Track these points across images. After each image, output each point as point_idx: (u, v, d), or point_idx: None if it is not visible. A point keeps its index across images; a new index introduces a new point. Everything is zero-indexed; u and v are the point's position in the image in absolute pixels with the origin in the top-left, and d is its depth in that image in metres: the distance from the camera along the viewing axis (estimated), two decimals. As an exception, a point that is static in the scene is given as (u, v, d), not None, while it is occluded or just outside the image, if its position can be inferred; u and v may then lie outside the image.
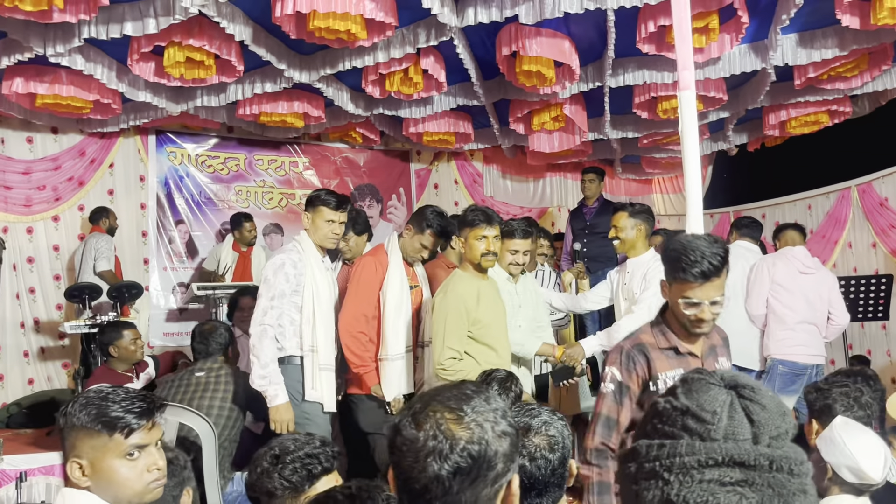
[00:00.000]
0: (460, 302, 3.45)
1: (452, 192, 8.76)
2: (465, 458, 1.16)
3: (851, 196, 7.18)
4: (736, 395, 1.02)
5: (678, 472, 0.96)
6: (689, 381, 1.05)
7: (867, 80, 5.80)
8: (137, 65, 5.24)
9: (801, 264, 4.64)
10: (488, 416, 1.21)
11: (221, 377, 3.90)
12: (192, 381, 3.90)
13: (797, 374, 4.47)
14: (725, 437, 0.98)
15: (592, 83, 5.89)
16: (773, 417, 1.00)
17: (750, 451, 0.95)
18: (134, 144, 7.37)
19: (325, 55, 5.44)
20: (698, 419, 0.99)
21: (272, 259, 3.64)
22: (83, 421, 1.76)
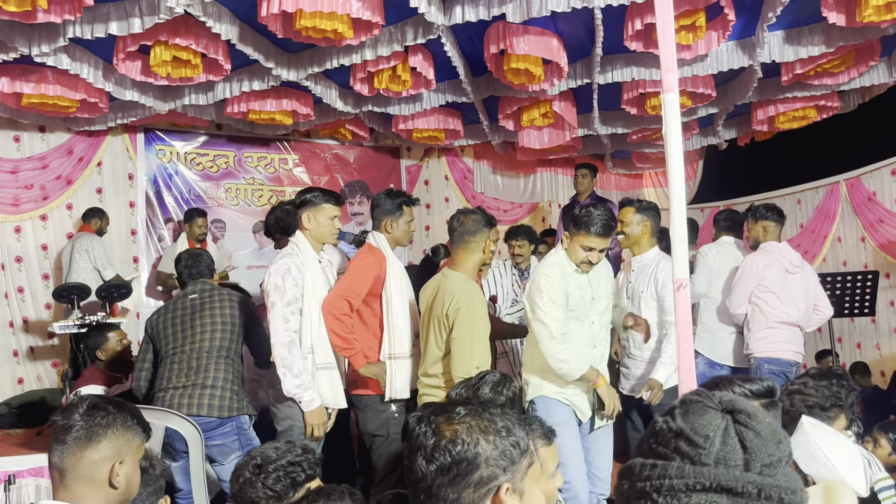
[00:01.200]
0: (484, 309, 3.47)
1: (443, 188, 8.76)
2: (444, 456, 1.22)
3: (840, 191, 7.21)
4: (732, 420, 1.01)
5: (666, 493, 0.98)
6: (687, 403, 1.05)
7: (854, 75, 5.82)
8: (123, 64, 5.21)
9: (788, 263, 4.59)
10: (480, 421, 1.26)
11: (215, 296, 3.86)
12: (186, 305, 3.83)
13: (784, 371, 4.48)
14: (717, 462, 0.98)
15: (581, 80, 5.89)
16: (767, 445, 0.99)
17: (738, 478, 0.96)
18: (122, 142, 7.35)
19: (313, 53, 5.42)
20: (690, 442, 1.00)
21: (275, 265, 3.60)
22: (129, 423, 1.82)
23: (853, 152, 7.02)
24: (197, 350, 3.68)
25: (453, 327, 3.34)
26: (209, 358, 3.66)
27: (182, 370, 3.65)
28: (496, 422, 1.29)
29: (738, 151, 8.03)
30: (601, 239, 3.44)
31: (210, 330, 3.73)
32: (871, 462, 2.81)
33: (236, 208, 7.80)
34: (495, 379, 3.03)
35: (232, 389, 3.66)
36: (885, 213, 6.67)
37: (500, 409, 1.34)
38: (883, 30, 4.98)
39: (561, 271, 3.48)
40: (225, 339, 3.73)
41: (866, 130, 6.89)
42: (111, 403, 1.83)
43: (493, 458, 1.25)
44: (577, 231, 3.46)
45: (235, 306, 3.84)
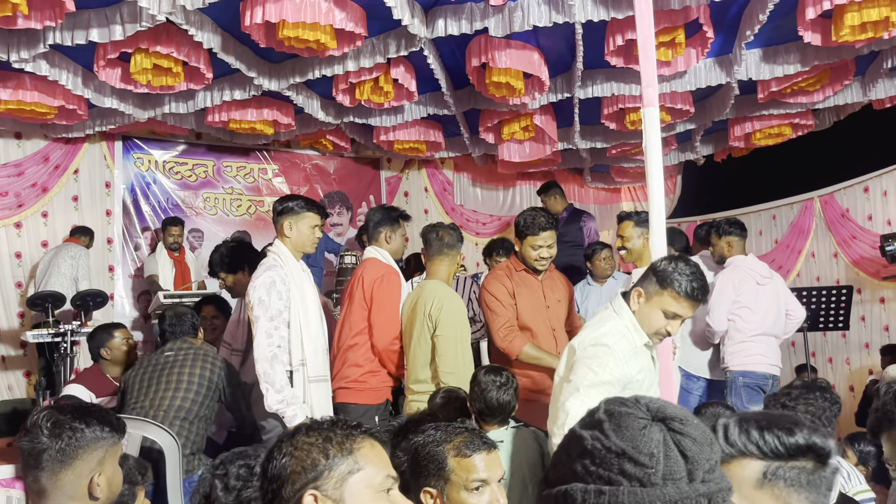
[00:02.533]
0: (465, 311, 3.61)
1: (422, 200, 8.76)
2: (262, 476, 1.40)
3: (814, 207, 7.33)
4: (666, 429, 0.98)
5: None
6: (615, 416, 1.00)
7: (828, 94, 5.94)
8: (104, 71, 5.17)
9: (758, 276, 4.64)
10: (306, 438, 1.38)
11: (190, 354, 3.72)
12: (160, 361, 3.71)
13: (760, 384, 4.52)
14: (664, 479, 0.95)
15: (562, 94, 5.94)
16: (704, 450, 0.98)
17: (690, 493, 0.94)
18: (100, 150, 7.27)
19: (295, 64, 5.42)
20: (636, 463, 0.96)
21: (260, 278, 3.44)
22: (98, 433, 1.81)
23: (827, 169, 7.14)
24: (154, 408, 3.51)
25: (437, 325, 3.41)
26: (165, 419, 3.47)
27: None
28: (310, 436, 1.36)
29: (716, 167, 8.14)
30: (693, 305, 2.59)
31: (174, 388, 3.56)
32: (850, 474, 2.84)
33: (214, 218, 7.75)
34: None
35: (181, 453, 3.41)
36: (858, 229, 6.79)
37: (339, 421, 1.41)
38: (857, 50, 5.09)
39: (631, 345, 2.59)
40: (188, 399, 3.54)
41: (840, 148, 7.03)
42: (76, 418, 1.79)
43: (297, 471, 1.31)
44: (660, 289, 2.57)
45: (208, 367, 3.65)
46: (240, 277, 4.12)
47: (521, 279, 3.75)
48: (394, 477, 1.40)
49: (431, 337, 3.45)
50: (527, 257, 3.71)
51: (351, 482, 1.33)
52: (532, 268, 3.73)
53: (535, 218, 3.66)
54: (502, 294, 3.70)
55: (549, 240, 3.67)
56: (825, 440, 1.15)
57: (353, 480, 1.33)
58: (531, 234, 3.65)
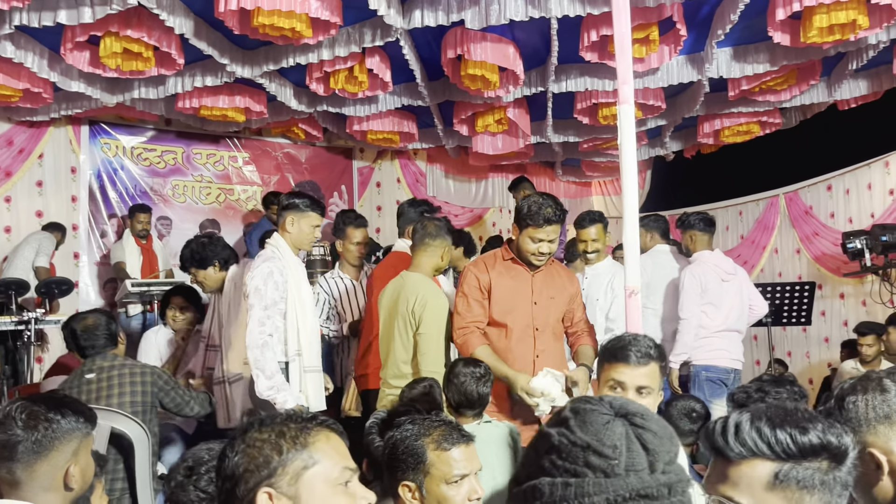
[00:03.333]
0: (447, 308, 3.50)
1: (395, 191, 8.74)
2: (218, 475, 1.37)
3: (779, 204, 7.48)
4: (629, 423, 1.03)
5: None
6: (580, 412, 1.05)
7: (796, 93, 6.05)
8: (71, 54, 5.07)
9: (722, 272, 4.71)
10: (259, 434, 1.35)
11: (115, 376, 3.45)
12: (82, 387, 3.41)
13: (722, 378, 4.60)
14: (627, 470, 1.00)
15: (536, 88, 5.97)
16: (664, 443, 1.03)
17: (651, 483, 0.99)
18: (65, 134, 7.12)
19: (269, 51, 5.36)
20: (600, 455, 1.00)
21: (259, 268, 3.48)
22: (72, 423, 1.79)
23: (793, 167, 7.29)
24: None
25: (420, 323, 3.36)
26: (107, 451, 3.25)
27: None
28: (263, 431, 1.33)
29: (685, 163, 8.25)
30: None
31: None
32: None
33: (183, 206, 7.65)
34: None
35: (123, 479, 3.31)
36: (821, 226, 6.95)
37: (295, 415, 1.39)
38: (825, 51, 5.19)
39: None
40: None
41: (805, 147, 7.18)
42: (50, 409, 1.78)
43: (250, 469, 1.29)
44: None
45: (138, 386, 3.45)
46: (210, 273, 4.09)
47: (506, 269, 3.34)
48: (352, 469, 1.38)
49: (414, 334, 3.41)
50: (523, 249, 3.27)
51: (306, 477, 1.31)
52: (526, 261, 3.30)
53: (541, 207, 3.21)
54: (471, 288, 3.33)
55: (552, 234, 3.24)
56: (840, 438, 1.11)
57: (308, 475, 1.31)
58: (533, 225, 3.20)
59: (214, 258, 4.07)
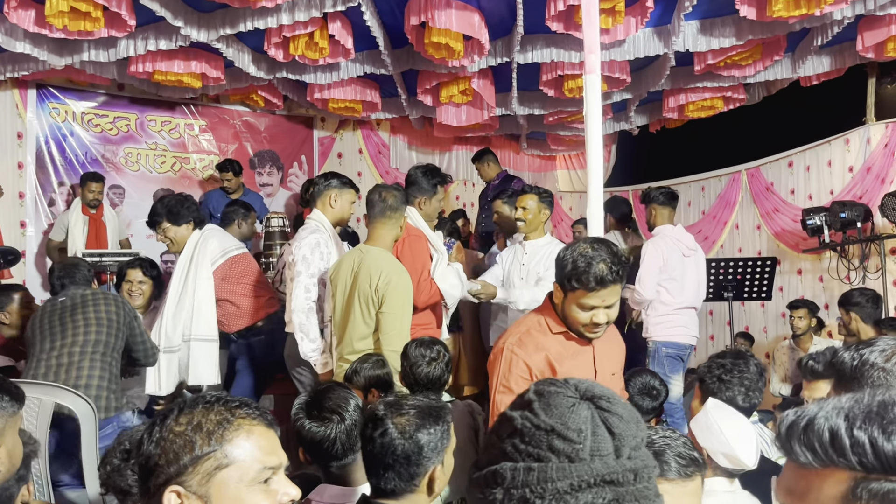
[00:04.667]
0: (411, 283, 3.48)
1: (356, 163, 8.59)
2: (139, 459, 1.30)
3: (741, 180, 7.51)
4: (595, 407, 1.00)
5: (551, 498, 0.94)
6: (544, 395, 1.01)
7: (759, 69, 6.04)
8: (15, 13, 4.82)
9: (684, 247, 4.73)
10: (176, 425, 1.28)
11: (88, 297, 3.56)
12: (56, 306, 3.53)
13: (680, 354, 4.63)
14: (592, 454, 0.96)
15: (501, 58, 5.86)
16: (630, 427, 0.99)
17: (617, 468, 0.95)
18: (11, 98, 6.82)
19: (225, 14, 5.16)
20: (565, 439, 0.96)
21: (306, 239, 3.76)
22: (5, 404, 1.72)
23: (755, 143, 7.32)
24: (69, 346, 3.38)
25: (384, 301, 3.31)
26: (82, 355, 3.38)
27: (51, 368, 3.33)
28: (180, 422, 1.24)
29: (650, 138, 8.24)
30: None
31: (83, 325, 3.45)
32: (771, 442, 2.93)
33: (136, 174, 7.41)
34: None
35: (109, 388, 3.41)
36: (781, 202, 7.00)
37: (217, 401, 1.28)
38: (790, 26, 5.17)
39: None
40: (101, 333, 3.45)
41: (768, 123, 7.21)
42: None
43: (161, 464, 1.22)
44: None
45: (112, 306, 3.57)
46: (182, 230, 4.12)
47: (563, 347, 2.49)
48: (273, 466, 1.28)
49: (377, 312, 3.35)
50: (570, 318, 2.43)
51: (218, 478, 1.22)
52: (577, 332, 2.47)
53: (590, 263, 2.30)
54: (519, 380, 2.42)
55: (610, 297, 2.36)
56: None
57: (220, 476, 1.22)
58: (582, 288, 2.33)
59: (189, 216, 4.14)
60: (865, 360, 1.66)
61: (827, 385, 2.37)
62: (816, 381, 2.41)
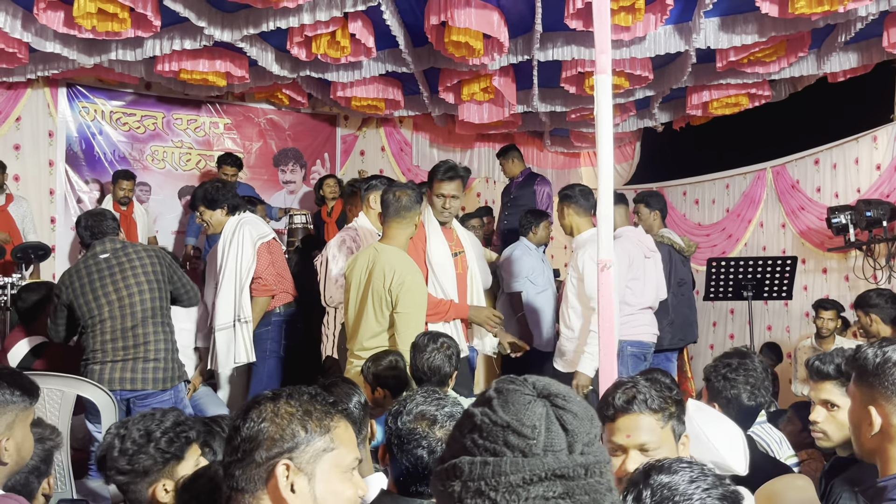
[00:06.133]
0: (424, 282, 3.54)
1: (378, 160, 8.63)
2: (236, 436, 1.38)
3: (766, 177, 7.43)
4: (550, 404, 1.03)
5: (504, 491, 0.98)
6: (503, 393, 1.05)
7: (784, 65, 5.97)
8: (44, 14, 4.94)
9: (645, 248, 4.70)
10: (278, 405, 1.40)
11: (130, 252, 3.64)
12: (101, 266, 3.57)
13: (644, 352, 4.60)
14: (545, 450, 0.99)
15: (521, 56, 5.87)
16: (584, 424, 1.03)
17: (568, 463, 0.99)
18: (43, 97, 7.00)
19: (248, 14, 5.24)
20: (519, 434, 1.00)
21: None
22: (7, 396, 1.77)
23: (781, 141, 7.23)
24: (129, 317, 3.52)
25: (398, 302, 3.33)
26: (145, 326, 3.55)
27: (118, 341, 3.50)
28: (291, 405, 1.38)
29: (675, 135, 8.18)
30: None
31: (138, 292, 3.55)
32: (781, 441, 2.92)
33: (162, 172, 7.55)
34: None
35: (173, 359, 3.66)
36: (807, 200, 6.91)
37: (318, 395, 1.43)
38: (813, 22, 5.11)
39: None
40: (155, 299, 3.60)
41: (794, 120, 7.11)
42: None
43: (275, 438, 1.34)
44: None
45: (155, 260, 3.69)
46: (217, 215, 4.40)
47: None
48: (359, 459, 1.46)
49: (391, 313, 3.37)
50: None
51: (325, 459, 1.37)
52: None
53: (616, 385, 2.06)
54: None
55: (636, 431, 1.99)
56: None
57: (326, 458, 1.38)
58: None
59: (225, 202, 4.40)
60: (888, 358, 1.68)
61: (833, 386, 2.36)
62: (822, 382, 2.39)
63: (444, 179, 3.94)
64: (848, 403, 2.31)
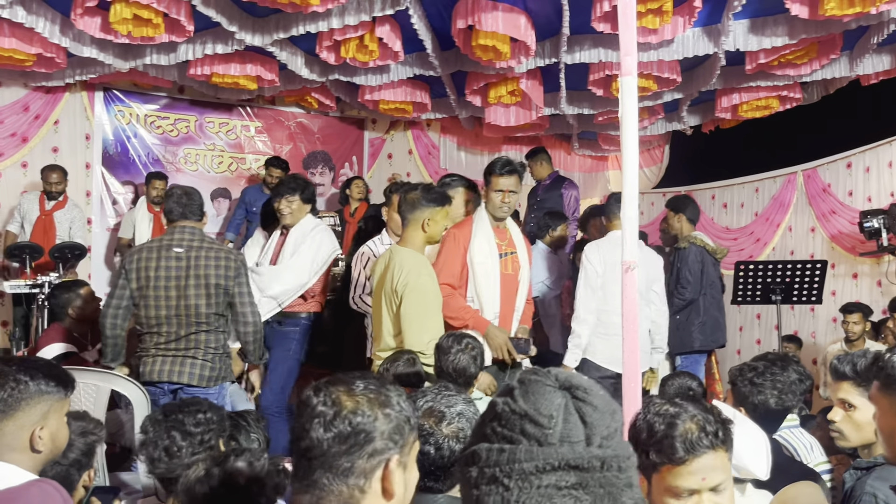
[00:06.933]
0: (434, 282, 3.50)
1: (406, 163, 8.70)
2: (345, 425, 1.27)
3: (797, 181, 7.35)
4: (570, 396, 1.04)
5: (517, 478, 0.99)
6: (526, 383, 1.07)
7: (815, 68, 5.90)
8: (81, 20, 5.08)
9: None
10: (380, 395, 1.32)
11: (202, 252, 3.67)
12: (171, 260, 3.62)
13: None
14: (561, 440, 1.00)
15: (548, 59, 5.89)
16: (604, 417, 1.03)
17: (583, 455, 0.99)
18: (80, 101, 7.17)
19: (279, 19, 5.34)
20: (536, 423, 1.01)
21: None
22: (43, 387, 1.80)
23: (812, 144, 7.14)
24: (184, 318, 3.63)
25: (401, 302, 3.34)
26: (198, 326, 3.65)
27: (171, 344, 3.63)
28: (391, 397, 1.34)
29: (704, 138, 8.12)
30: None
31: (195, 304, 3.63)
32: (812, 447, 2.89)
33: (195, 174, 7.69)
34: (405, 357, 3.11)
35: (221, 360, 3.75)
36: (838, 204, 6.82)
37: (393, 384, 1.40)
38: (845, 24, 5.05)
39: None
40: (211, 305, 3.66)
41: (826, 123, 7.02)
42: (21, 370, 1.80)
43: (387, 432, 1.30)
44: None
45: (222, 264, 3.69)
46: (304, 207, 4.61)
47: None
48: None
49: (396, 312, 3.39)
50: None
51: (414, 452, 1.40)
52: None
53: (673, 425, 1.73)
54: None
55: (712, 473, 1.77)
56: None
57: (415, 450, 1.40)
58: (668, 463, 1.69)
59: (311, 199, 4.69)
60: None
61: (850, 386, 2.35)
62: (840, 382, 2.38)
63: (502, 174, 3.93)
64: (865, 404, 2.30)
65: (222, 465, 1.77)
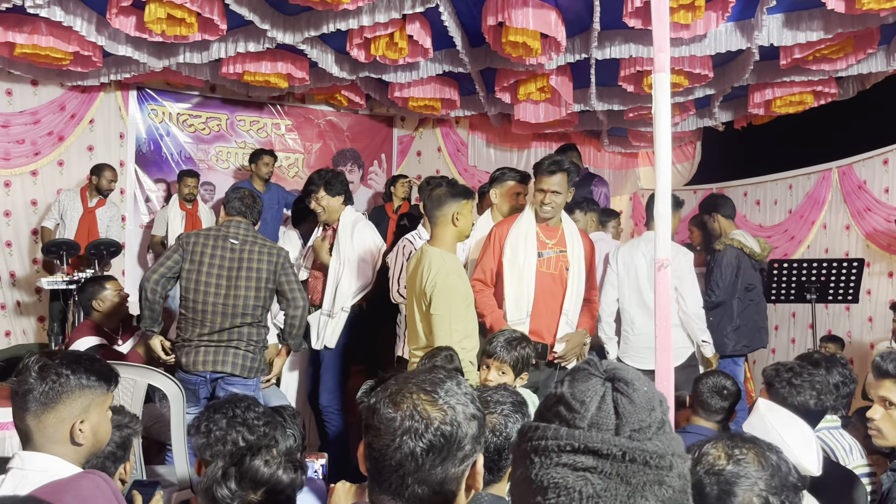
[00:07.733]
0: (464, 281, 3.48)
1: (435, 161, 8.70)
2: (437, 437, 1.25)
3: (832, 178, 7.22)
4: (612, 387, 1.07)
5: (542, 454, 1.04)
6: (577, 371, 1.12)
7: (852, 62, 5.80)
8: (117, 19, 5.16)
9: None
10: (460, 399, 1.31)
11: (255, 248, 3.87)
12: (226, 251, 3.82)
13: None
14: (590, 425, 1.03)
15: (578, 55, 5.85)
16: (639, 412, 1.04)
17: (605, 441, 1.01)
18: (114, 100, 7.29)
19: (310, 16, 5.37)
20: (568, 407, 1.06)
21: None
22: (85, 380, 1.83)
23: (848, 140, 7.01)
24: (231, 309, 3.78)
25: (430, 303, 3.34)
26: (243, 318, 3.81)
27: (215, 327, 3.78)
28: (470, 402, 1.35)
29: (736, 134, 8.01)
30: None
31: (244, 296, 3.80)
32: (853, 448, 2.85)
33: (226, 172, 7.78)
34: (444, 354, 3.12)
35: (260, 352, 3.91)
36: (874, 201, 6.69)
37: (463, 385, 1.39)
38: (882, 18, 4.96)
39: None
40: (259, 297, 3.84)
41: (862, 118, 6.89)
42: (63, 363, 1.82)
43: (473, 435, 1.32)
44: None
45: (272, 260, 3.89)
46: (335, 202, 4.60)
47: None
48: None
49: (426, 311, 3.39)
50: None
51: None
52: None
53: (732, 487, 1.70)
54: None
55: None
56: None
57: None
58: None
59: (341, 189, 4.62)
60: None
61: (892, 383, 2.31)
62: (882, 380, 2.34)
63: (546, 173, 3.88)
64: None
65: (239, 465, 1.79)
